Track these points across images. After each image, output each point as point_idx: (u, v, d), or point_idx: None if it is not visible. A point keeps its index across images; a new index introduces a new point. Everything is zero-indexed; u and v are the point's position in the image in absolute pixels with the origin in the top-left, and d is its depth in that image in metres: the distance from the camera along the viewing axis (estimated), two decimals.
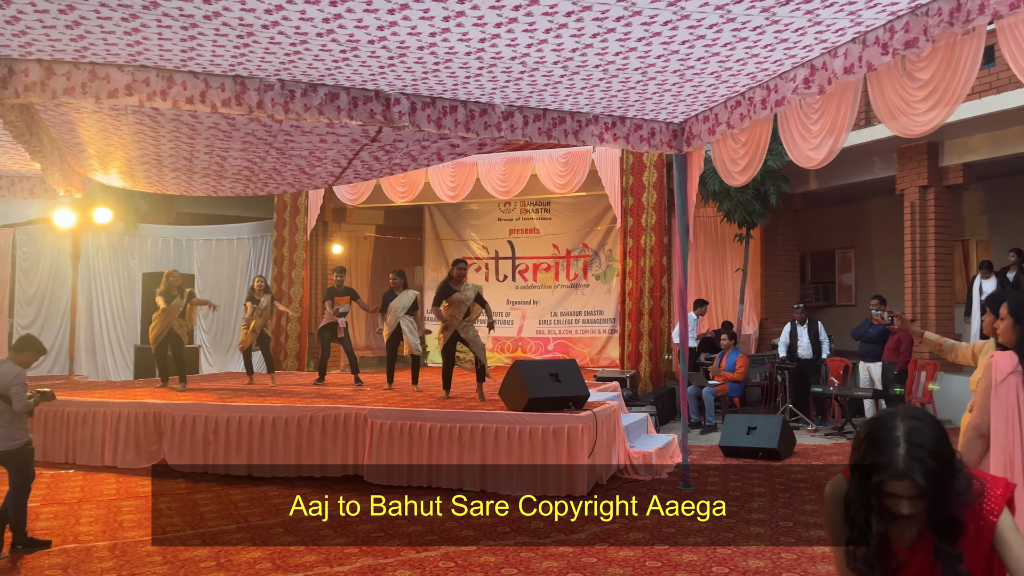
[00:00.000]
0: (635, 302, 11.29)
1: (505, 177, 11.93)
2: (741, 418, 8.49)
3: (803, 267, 14.88)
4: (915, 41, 4.41)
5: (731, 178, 6.58)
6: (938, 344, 4.04)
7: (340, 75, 5.45)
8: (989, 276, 9.66)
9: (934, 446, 1.71)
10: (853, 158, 11.13)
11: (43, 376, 11.00)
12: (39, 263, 12.12)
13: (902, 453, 1.69)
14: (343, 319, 10.01)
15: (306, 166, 7.59)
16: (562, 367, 7.24)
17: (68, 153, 7.53)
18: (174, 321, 9.14)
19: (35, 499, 6.36)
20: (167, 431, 7.64)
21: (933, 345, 4.07)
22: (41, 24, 4.47)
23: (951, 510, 1.71)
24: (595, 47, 4.84)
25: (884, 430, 1.75)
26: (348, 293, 10.11)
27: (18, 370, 5.14)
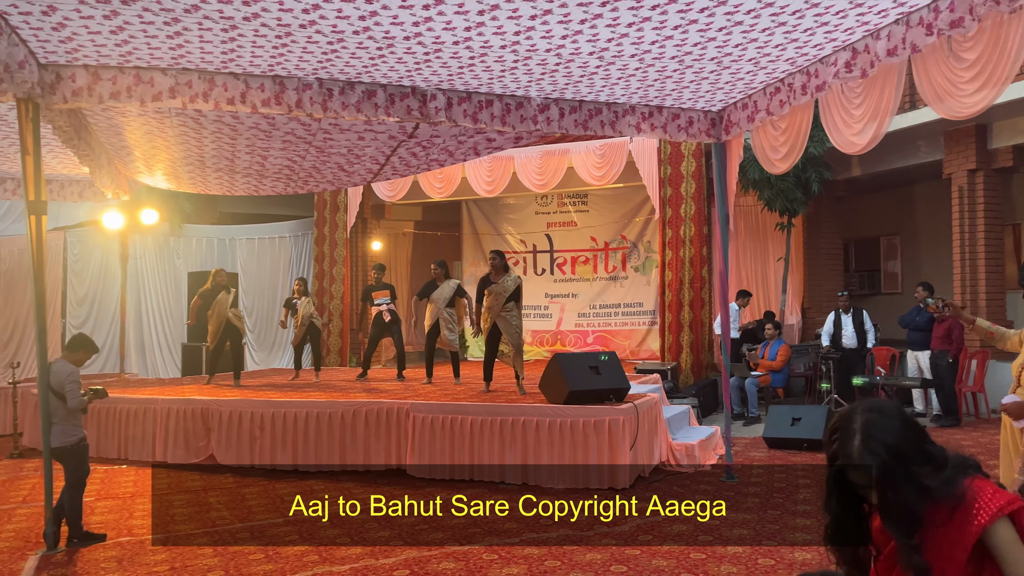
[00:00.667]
0: (675, 293, 11.20)
1: (541, 170, 11.91)
2: (785, 409, 8.38)
3: (847, 255, 14.61)
4: (960, 21, 4.30)
5: (771, 166, 6.49)
6: (989, 332, 3.97)
7: (377, 72, 5.49)
8: None
9: (891, 439, 1.80)
10: (898, 143, 10.88)
11: (95, 374, 11.30)
12: (89, 264, 12.44)
13: (857, 444, 1.80)
14: (385, 306, 9.87)
15: (345, 164, 7.67)
16: (602, 359, 7.21)
17: (115, 156, 7.71)
18: (228, 313, 9.41)
19: (90, 494, 6.55)
20: (215, 427, 7.79)
21: (984, 333, 3.99)
22: (86, 30, 4.58)
23: (905, 502, 1.77)
24: (631, 36, 4.81)
25: (845, 422, 1.87)
26: (387, 288, 10.07)
27: (71, 368, 5.29)
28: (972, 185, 10.08)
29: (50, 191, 9.12)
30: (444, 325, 9.03)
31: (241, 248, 13.75)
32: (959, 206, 10.19)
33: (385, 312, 9.87)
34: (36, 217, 5.11)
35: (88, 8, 4.24)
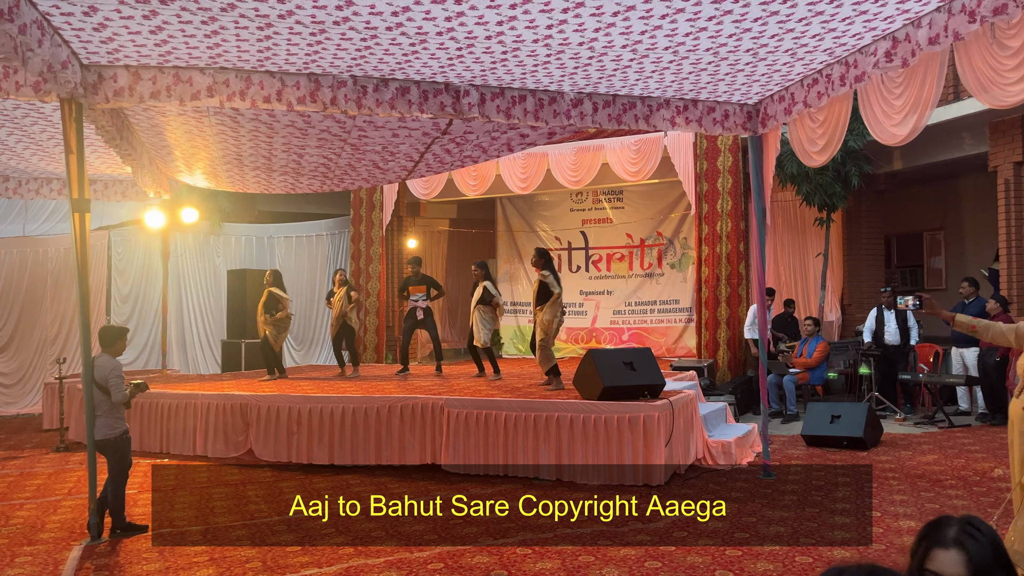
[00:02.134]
0: (711, 290, 11.09)
1: (576, 166, 11.87)
2: (824, 406, 8.25)
3: (888, 250, 14.32)
4: (1004, 7, 4.19)
5: (809, 159, 6.39)
6: (971, 326, 3.92)
7: (410, 68, 5.52)
8: None
9: (991, 535, 1.69)
10: (941, 135, 10.64)
11: (138, 370, 11.56)
12: (132, 263, 12.72)
13: (954, 528, 1.69)
14: (422, 302, 9.87)
15: (379, 161, 7.72)
16: (636, 355, 7.16)
17: (156, 156, 7.87)
18: (259, 317, 9.63)
19: (133, 487, 6.68)
20: (253, 421, 7.91)
21: (966, 327, 3.94)
22: (127, 30, 4.67)
23: None
24: (664, 29, 4.77)
25: (939, 521, 1.75)
26: (424, 282, 9.96)
27: (114, 362, 5.41)
28: (1019, 178, 9.81)
29: (94, 191, 9.35)
30: (477, 322, 9.07)
31: (279, 246, 13.94)
32: (1005, 200, 9.92)
33: (419, 309, 9.88)
34: (80, 214, 5.23)
35: (128, 8, 4.33)
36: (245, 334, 11.98)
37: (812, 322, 10.17)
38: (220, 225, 13.44)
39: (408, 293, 9.96)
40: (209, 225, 13.20)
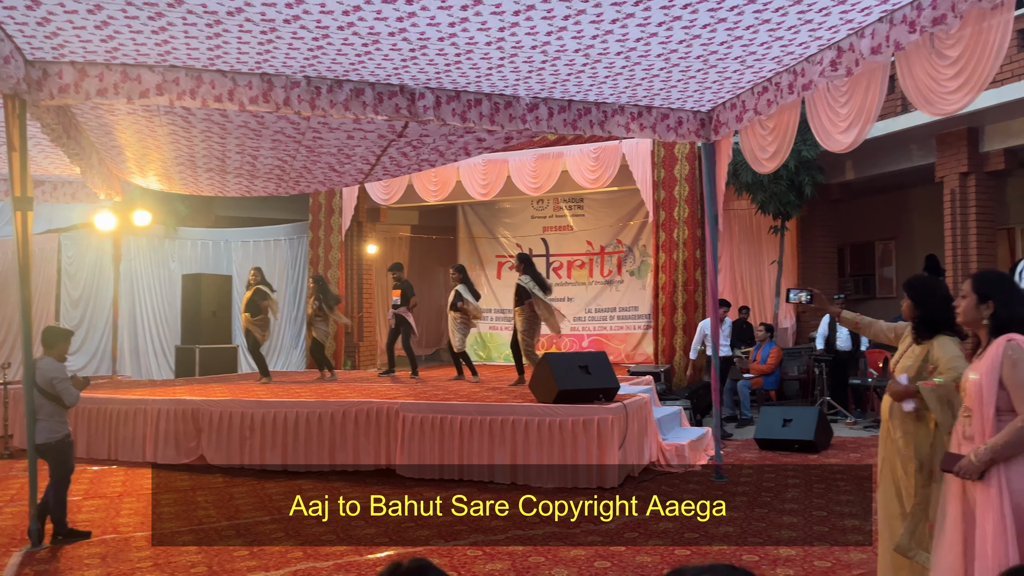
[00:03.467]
0: (668, 296, 11.20)
1: (536, 173, 11.92)
2: (777, 410, 8.37)
3: (842, 259, 14.59)
4: (943, 18, 4.32)
5: (760, 165, 6.49)
6: (855, 322, 4.01)
7: (364, 70, 5.51)
8: None
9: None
10: (891, 146, 10.90)
11: (87, 376, 11.29)
12: (83, 267, 12.44)
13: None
14: (396, 310, 9.91)
15: (336, 164, 7.68)
16: (592, 359, 7.21)
17: (106, 156, 7.73)
18: (242, 317, 9.73)
19: (77, 493, 6.54)
20: (205, 427, 7.77)
21: (851, 323, 4.03)
22: (71, 25, 4.60)
23: None
24: (615, 33, 4.82)
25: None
26: (399, 287, 10.02)
27: (58, 365, 5.29)
28: (964, 189, 10.09)
29: (43, 193, 9.14)
30: (451, 327, 9.30)
31: (236, 251, 13.76)
32: (951, 210, 10.19)
33: (390, 318, 10.02)
34: (22, 213, 5.11)
35: (72, 2, 4.26)
36: (200, 339, 11.81)
37: (765, 328, 10.33)
38: (176, 229, 13.22)
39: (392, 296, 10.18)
40: (164, 229, 12.98)
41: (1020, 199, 11.99)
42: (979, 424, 2.72)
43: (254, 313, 9.73)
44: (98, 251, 12.40)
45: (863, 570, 4.30)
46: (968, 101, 4.43)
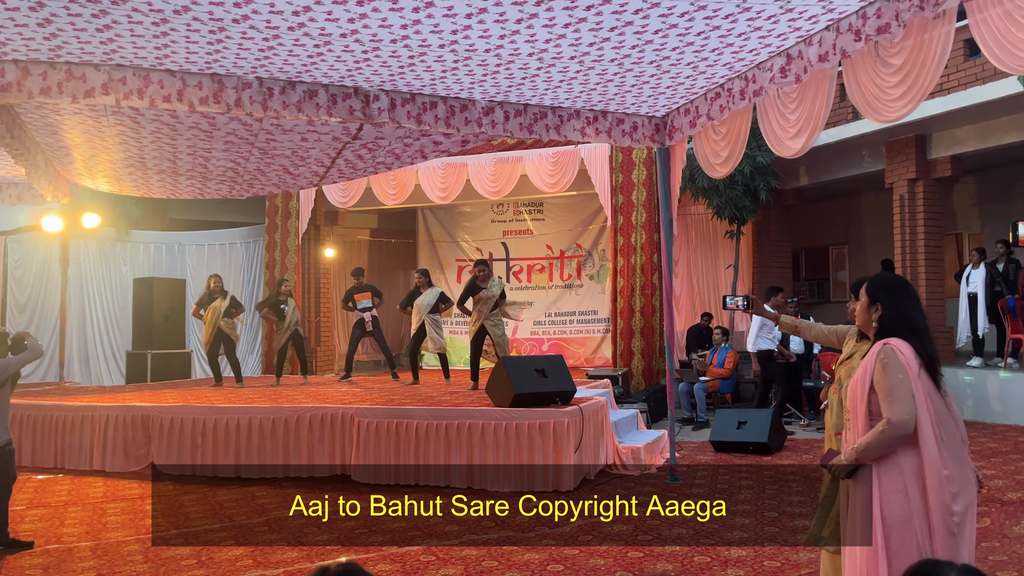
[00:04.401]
0: (626, 300, 11.27)
1: (495, 177, 11.92)
2: (731, 413, 8.47)
3: (796, 263, 14.87)
4: (887, 27, 4.41)
5: (713, 171, 6.57)
6: (794, 326, 4.09)
7: (317, 71, 5.45)
8: (979, 265, 9.64)
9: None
10: (843, 152, 11.13)
11: (34, 383, 11.01)
12: (30, 270, 12.14)
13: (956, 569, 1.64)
14: (367, 313, 10.15)
15: (290, 166, 7.59)
16: (548, 363, 7.22)
17: (53, 157, 7.54)
18: (220, 322, 9.68)
19: (21, 503, 6.37)
20: (155, 434, 7.62)
21: (789, 328, 4.11)
22: (13, 23, 4.47)
23: None
24: (568, 38, 4.84)
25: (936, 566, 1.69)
26: (368, 289, 10.30)
27: (4, 362, 5.19)
28: (912, 195, 10.34)
29: None
30: (431, 330, 9.43)
31: (191, 255, 13.54)
32: (900, 215, 10.43)
33: (368, 321, 10.16)
34: None
35: (13, 0, 4.15)
36: (152, 344, 11.58)
37: (721, 331, 10.45)
38: (127, 232, 12.95)
39: (354, 303, 10.22)
40: (115, 232, 12.71)
41: (966, 205, 12.33)
42: (853, 425, 2.77)
43: (230, 317, 9.85)
44: (46, 254, 12.12)
45: (811, 569, 4.36)
46: (911, 108, 4.53)
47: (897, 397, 2.59)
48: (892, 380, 2.62)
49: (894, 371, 2.62)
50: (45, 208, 10.43)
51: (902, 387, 2.60)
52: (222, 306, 9.76)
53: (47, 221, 10.69)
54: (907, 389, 2.59)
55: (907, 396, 2.59)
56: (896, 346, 2.68)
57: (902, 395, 2.59)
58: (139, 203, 12.35)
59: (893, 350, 2.67)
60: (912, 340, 2.69)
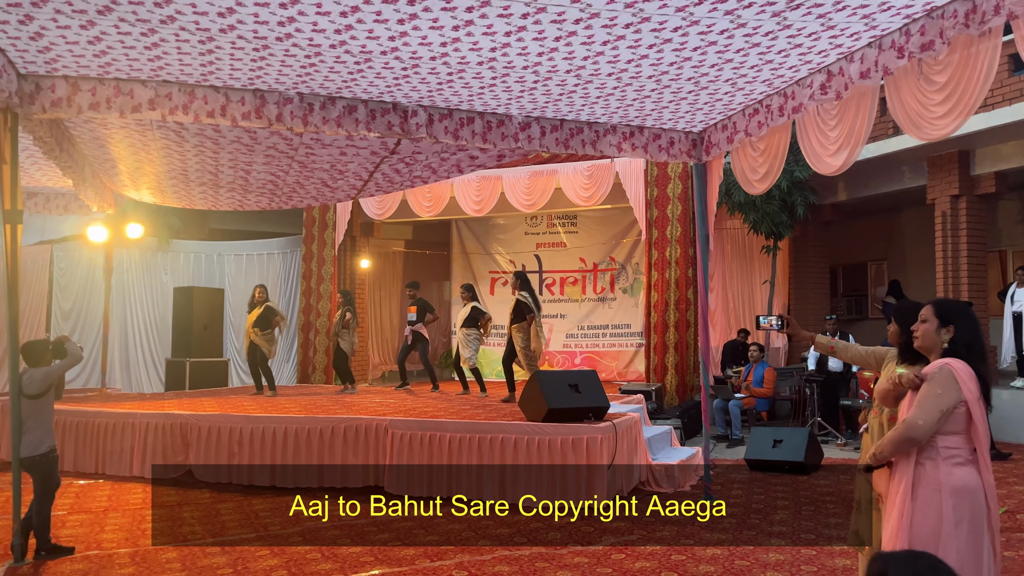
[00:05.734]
0: (660, 315, 11.21)
1: (530, 190, 11.96)
2: (767, 431, 8.36)
3: (834, 280, 14.65)
4: (931, 44, 4.35)
5: (751, 186, 6.52)
6: (830, 347, 4.03)
7: (357, 87, 5.53)
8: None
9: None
10: (883, 167, 10.98)
11: (76, 389, 11.23)
12: (75, 278, 12.42)
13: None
14: (413, 327, 10.36)
15: (328, 179, 7.69)
16: (581, 378, 7.20)
17: (100, 169, 7.73)
18: (251, 332, 9.92)
19: (62, 508, 6.49)
20: (193, 442, 7.73)
21: (825, 348, 4.03)
22: (64, 40, 4.60)
23: None
24: (606, 55, 4.85)
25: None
26: (415, 303, 10.51)
27: (46, 368, 5.31)
28: (955, 211, 10.15)
29: (35, 204, 9.13)
30: (462, 344, 9.59)
31: (229, 264, 13.75)
32: (942, 232, 10.25)
33: (408, 335, 10.41)
34: (12, 227, 5.11)
35: (64, 18, 4.27)
36: (191, 353, 11.76)
37: (757, 348, 10.33)
38: (168, 242, 13.21)
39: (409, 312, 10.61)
40: (157, 241, 12.97)
41: (1011, 222, 12.07)
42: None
43: (263, 328, 9.98)
44: (90, 263, 12.39)
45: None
46: (956, 127, 4.47)
47: (924, 407, 2.74)
48: (929, 391, 2.75)
49: (935, 385, 2.75)
50: (91, 218, 10.69)
51: (934, 401, 2.72)
52: (255, 316, 9.92)
53: (92, 231, 10.95)
54: (938, 404, 2.71)
55: (934, 409, 2.71)
56: (956, 367, 2.77)
57: (929, 407, 2.72)
58: (180, 213, 12.59)
59: (951, 371, 2.76)
60: (976, 364, 2.82)
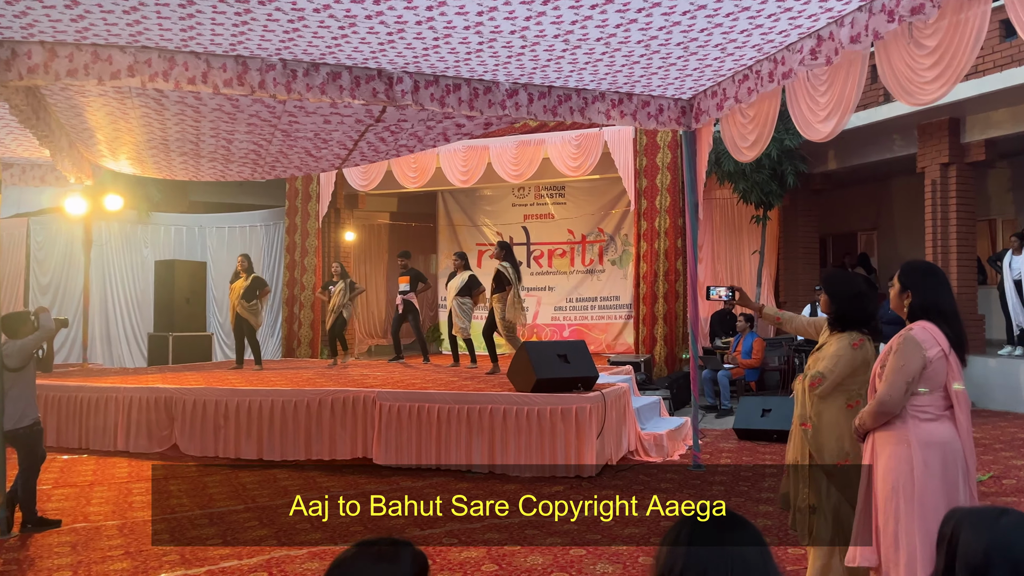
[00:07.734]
0: (649, 286, 11.19)
1: (517, 160, 11.83)
2: (756, 400, 8.40)
3: (824, 249, 14.67)
4: (921, 8, 4.28)
5: (740, 154, 6.47)
6: (776, 318, 4.07)
7: (341, 53, 5.41)
8: (1020, 251, 9.44)
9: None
10: (873, 135, 10.94)
11: (58, 363, 11.11)
12: (53, 252, 12.23)
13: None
14: (405, 296, 10.22)
15: (312, 148, 7.57)
16: (570, 348, 7.18)
17: (77, 139, 7.56)
18: (237, 303, 9.78)
19: (47, 482, 6.44)
20: (178, 416, 7.68)
21: (772, 319, 4.07)
22: (41, 4, 4.46)
23: None
24: (595, 19, 4.76)
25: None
26: (408, 274, 10.33)
27: (22, 340, 5.23)
28: (945, 179, 10.13)
29: (10, 176, 8.93)
30: (454, 313, 9.43)
31: (211, 237, 13.59)
32: (932, 200, 10.24)
33: (399, 304, 10.26)
34: None
35: None
36: (173, 327, 11.64)
37: (744, 319, 10.34)
38: (148, 214, 13.01)
39: (398, 285, 10.46)
40: (137, 214, 12.78)
41: (1001, 190, 12.09)
42: (871, 399, 3.04)
43: (249, 299, 9.85)
44: (68, 236, 12.20)
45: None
46: (945, 91, 4.42)
47: (890, 381, 2.86)
48: (895, 364, 2.87)
49: (898, 357, 2.87)
50: (68, 190, 10.50)
51: (898, 374, 2.85)
52: (242, 287, 9.79)
53: (70, 203, 10.76)
54: (903, 376, 2.84)
55: (899, 383, 2.85)
56: (915, 331, 2.88)
57: (894, 380, 2.85)
58: (160, 185, 12.40)
59: (910, 337, 2.88)
60: (940, 323, 2.89)
